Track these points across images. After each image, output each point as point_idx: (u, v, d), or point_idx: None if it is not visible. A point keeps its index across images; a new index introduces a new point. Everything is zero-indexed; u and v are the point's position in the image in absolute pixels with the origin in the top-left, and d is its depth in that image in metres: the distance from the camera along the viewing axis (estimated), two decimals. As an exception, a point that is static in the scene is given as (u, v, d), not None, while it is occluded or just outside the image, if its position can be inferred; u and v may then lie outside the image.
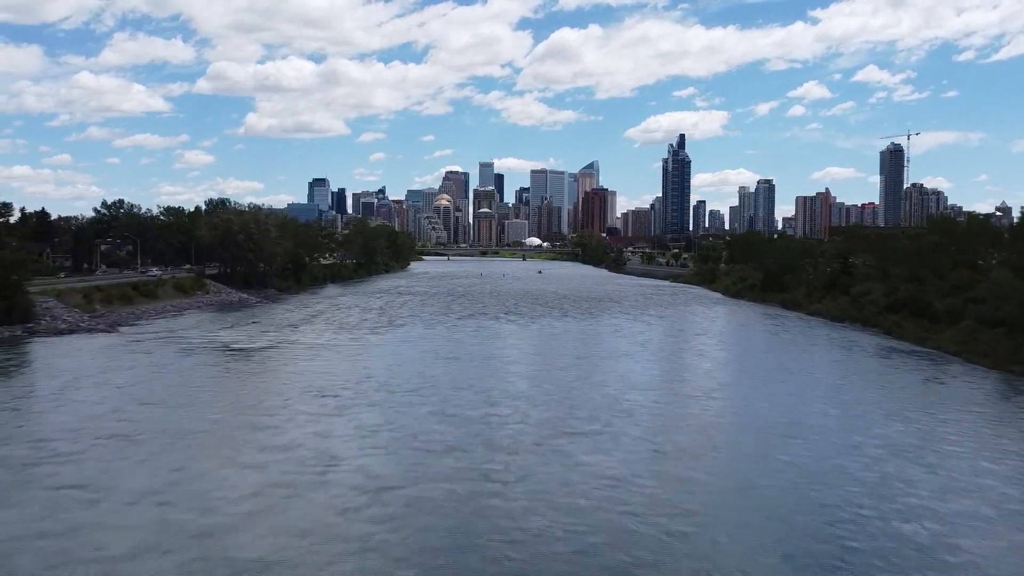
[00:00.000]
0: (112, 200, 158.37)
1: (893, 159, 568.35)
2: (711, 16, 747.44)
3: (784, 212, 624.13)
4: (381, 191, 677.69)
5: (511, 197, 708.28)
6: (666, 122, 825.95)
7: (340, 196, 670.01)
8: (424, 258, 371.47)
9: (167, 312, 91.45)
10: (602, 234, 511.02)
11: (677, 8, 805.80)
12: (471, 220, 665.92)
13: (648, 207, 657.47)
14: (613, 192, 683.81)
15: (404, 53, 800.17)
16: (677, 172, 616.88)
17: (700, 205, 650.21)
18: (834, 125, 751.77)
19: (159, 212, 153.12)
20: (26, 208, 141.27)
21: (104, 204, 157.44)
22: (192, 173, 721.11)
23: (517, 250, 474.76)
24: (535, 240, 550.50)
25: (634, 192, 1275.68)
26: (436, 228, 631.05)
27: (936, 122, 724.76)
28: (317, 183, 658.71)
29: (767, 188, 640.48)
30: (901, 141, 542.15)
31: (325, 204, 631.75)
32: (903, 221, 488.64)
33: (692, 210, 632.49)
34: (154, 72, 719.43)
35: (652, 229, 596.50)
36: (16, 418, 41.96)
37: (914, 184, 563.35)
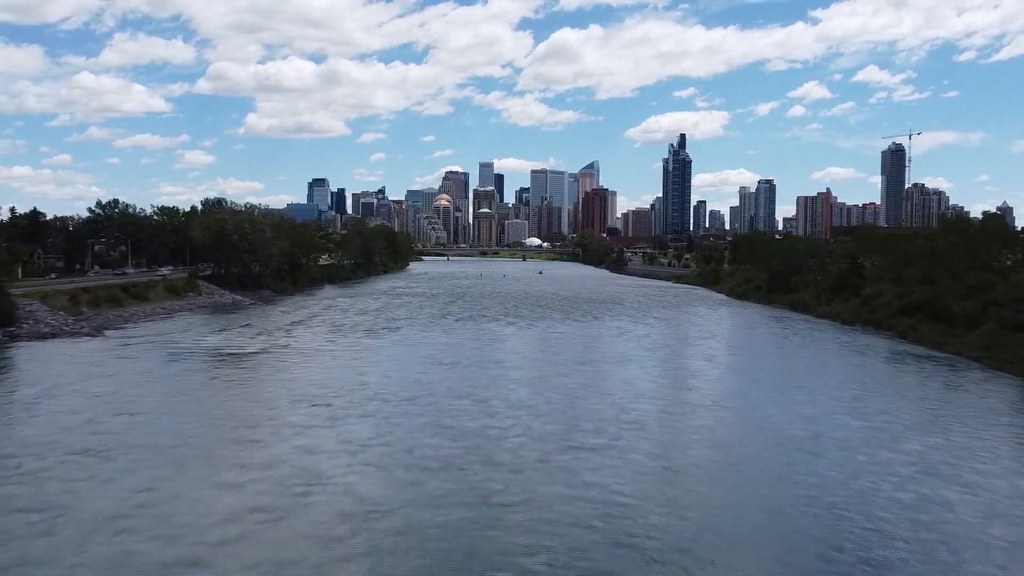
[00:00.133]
0: (107, 200, 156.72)
1: (894, 159, 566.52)
2: (711, 16, 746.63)
3: (784, 212, 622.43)
4: (381, 191, 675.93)
5: (511, 197, 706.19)
6: (666, 122, 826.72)
7: (340, 196, 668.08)
8: (423, 258, 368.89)
9: (156, 315, 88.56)
10: (602, 234, 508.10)
11: (677, 8, 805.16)
12: (471, 220, 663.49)
13: (648, 207, 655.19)
14: (613, 192, 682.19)
15: (404, 53, 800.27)
16: (678, 172, 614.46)
17: (700, 205, 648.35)
18: (834, 125, 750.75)
19: (152, 212, 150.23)
20: (16, 208, 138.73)
21: (99, 204, 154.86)
22: (192, 173, 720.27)
23: (517, 250, 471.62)
24: (535, 240, 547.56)
25: (634, 192, 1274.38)
26: (436, 228, 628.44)
27: (936, 122, 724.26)
28: (317, 183, 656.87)
29: (768, 188, 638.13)
30: (902, 141, 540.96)
31: (325, 204, 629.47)
32: (904, 221, 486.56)
33: (692, 210, 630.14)
34: (154, 72, 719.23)
35: (652, 229, 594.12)
36: (-19, 431, 39.24)
37: (915, 184, 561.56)
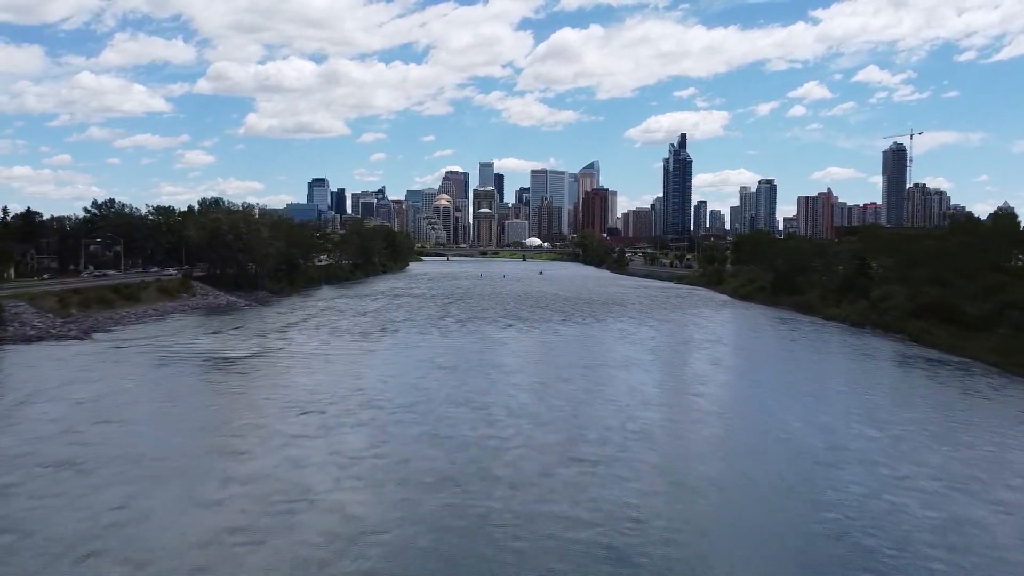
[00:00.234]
0: (104, 200, 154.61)
1: (896, 159, 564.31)
2: (712, 16, 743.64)
3: (785, 212, 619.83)
4: (381, 191, 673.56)
5: (511, 197, 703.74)
6: (667, 122, 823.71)
7: (340, 196, 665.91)
8: (423, 258, 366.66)
9: (148, 316, 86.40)
10: (603, 234, 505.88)
11: (678, 8, 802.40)
12: (471, 220, 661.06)
13: (649, 207, 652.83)
14: (614, 192, 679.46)
15: (405, 53, 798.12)
16: (678, 172, 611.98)
17: (701, 205, 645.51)
18: (834, 125, 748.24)
19: (147, 211, 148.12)
20: (12, 208, 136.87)
21: (95, 203, 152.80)
22: (193, 173, 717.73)
23: (517, 250, 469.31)
24: (535, 240, 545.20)
25: (634, 192, 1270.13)
26: (436, 228, 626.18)
27: (937, 122, 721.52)
28: (316, 183, 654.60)
29: (768, 188, 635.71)
30: (903, 141, 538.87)
31: (324, 204, 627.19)
32: (906, 221, 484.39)
33: (693, 210, 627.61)
34: (155, 72, 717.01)
35: (653, 229, 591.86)
36: (-48, 441, 37.15)
37: (916, 184, 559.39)
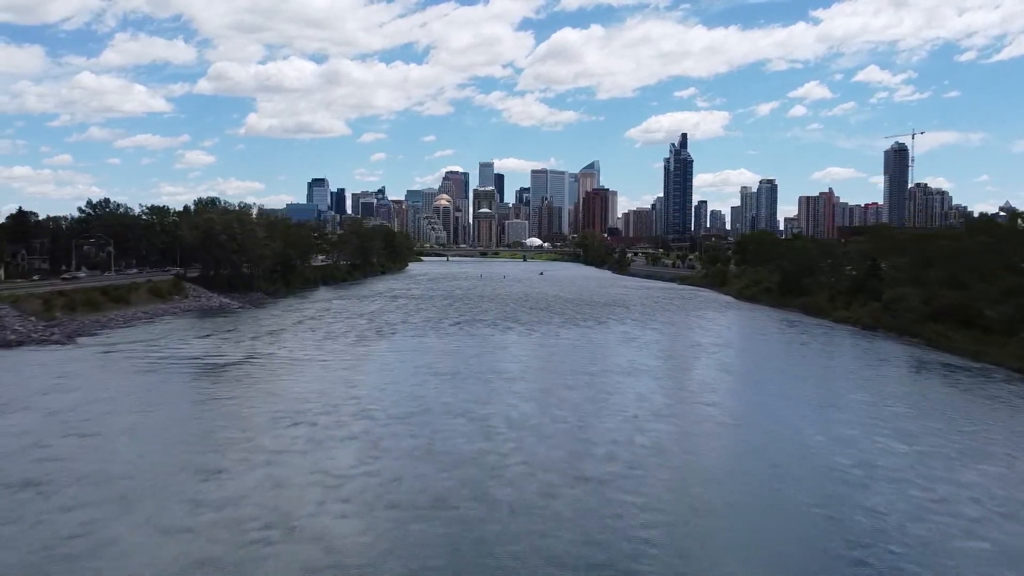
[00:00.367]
0: (99, 200, 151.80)
1: (897, 159, 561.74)
2: (713, 16, 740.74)
3: (786, 212, 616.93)
4: (380, 191, 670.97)
5: (511, 197, 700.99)
6: (667, 122, 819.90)
7: (339, 196, 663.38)
8: (423, 259, 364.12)
9: (137, 319, 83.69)
10: (603, 235, 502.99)
11: (679, 8, 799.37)
12: (471, 220, 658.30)
13: (649, 207, 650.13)
14: (614, 192, 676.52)
15: (405, 53, 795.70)
16: (679, 172, 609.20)
17: (702, 205, 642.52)
18: (835, 125, 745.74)
19: (141, 211, 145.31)
20: (10, 208, 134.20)
21: (89, 203, 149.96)
22: (193, 173, 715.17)
23: (517, 251, 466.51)
24: (535, 240, 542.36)
25: (635, 192, 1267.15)
26: (436, 228, 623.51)
27: (937, 122, 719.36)
28: (316, 183, 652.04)
29: (769, 188, 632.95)
30: (905, 141, 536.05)
31: (324, 204, 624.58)
32: (907, 221, 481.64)
33: (693, 210, 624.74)
34: (155, 72, 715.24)
35: (653, 229, 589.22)
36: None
37: (918, 184, 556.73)
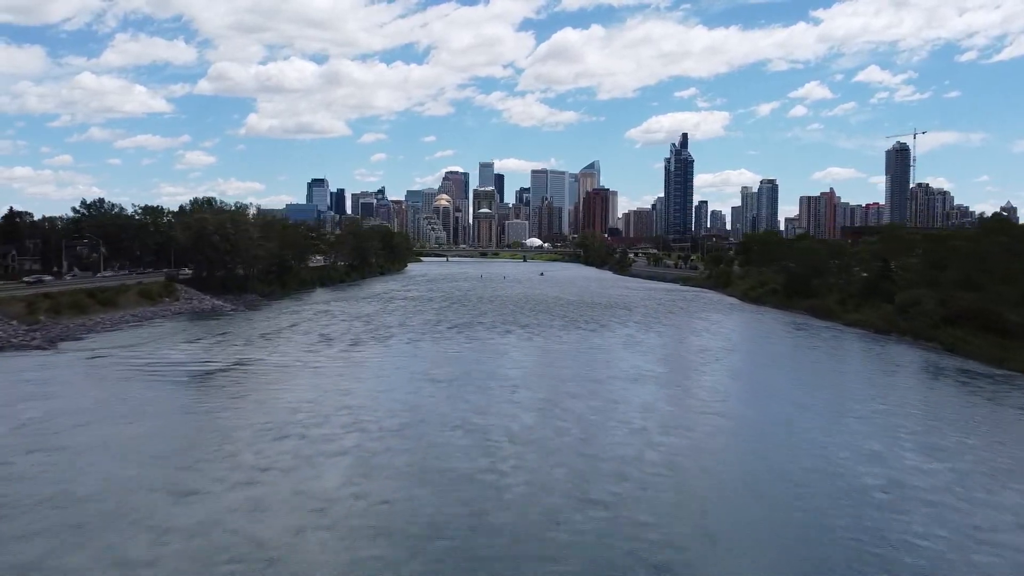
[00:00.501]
0: (93, 200, 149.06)
1: (899, 158, 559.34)
2: (713, 16, 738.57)
3: (786, 212, 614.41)
4: (380, 191, 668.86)
5: (511, 197, 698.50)
6: (667, 123, 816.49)
7: (339, 196, 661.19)
8: (422, 259, 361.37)
9: (124, 323, 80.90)
10: (604, 235, 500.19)
11: (679, 8, 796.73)
12: (471, 221, 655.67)
13: (649, 208, 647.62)
14: (614, 192, 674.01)
15: (406, 54, 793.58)
16: (680, 171, 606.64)
17: (702, 205, 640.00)
18: (835, 125, 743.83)
19: (134, 211, 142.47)
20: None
21: (83, 203, 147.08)
22: (193, 174, 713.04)
23: (517, 251, 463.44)
24: (536, 241, 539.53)
25: (635, 193, 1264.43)
26: (435, 229, 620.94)
27: (937, 123, 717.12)
28: (316, 183, 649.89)
29: (770, 188, 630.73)
30: (907, 140, 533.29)
31: (324, 205, 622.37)
32: (909, 221, 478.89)
33: (694, 210, 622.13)
34: (156, 73, 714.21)
35: (654, 230, 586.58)
36: None
37: (919, 184, 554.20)
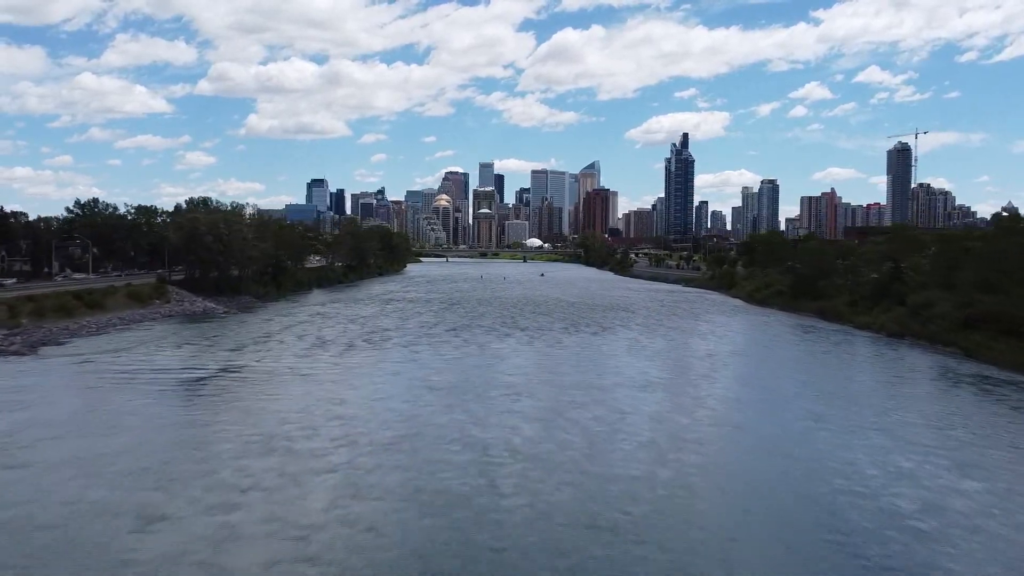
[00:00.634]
0: (87, 200, 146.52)
1: (900, 158, 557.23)
2: (713, 17, 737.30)
3: (787, 213, 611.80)
4: (380, 192, 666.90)
5: (511, 198, 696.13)
6: (668, 123, 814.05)
7: (339, 197, 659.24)
8: (422, 260, 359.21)
9: (111, 326, 78.15)
10: (604, 235, 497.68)
11: (679, 9, 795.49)
12: (471, 221, 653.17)
13: (650, 208, 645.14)
14: (614, 192, 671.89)
15: (406, 54, 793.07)
16: (680, 171, 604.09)
17: (702, 206, 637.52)
18: (835, 126, 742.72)
19: (127, 211, 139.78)
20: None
21: (77, 203, 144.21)
22: (193, 174, 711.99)
23: (517, 251, 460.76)
24: (536, 241, 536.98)
25: (635, 193, 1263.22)
26: (435, 229, 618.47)
27: (938, 123, 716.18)
28: (315, 184, 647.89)
29: (771, 188, 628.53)
30: (908, 140, 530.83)
31: (323, 205, 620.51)
32: (910, 222, 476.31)
33: (694, 211, 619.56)
34: (156, 73, 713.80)
35: (654, 230, 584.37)
36: None
37: (921, 184, 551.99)
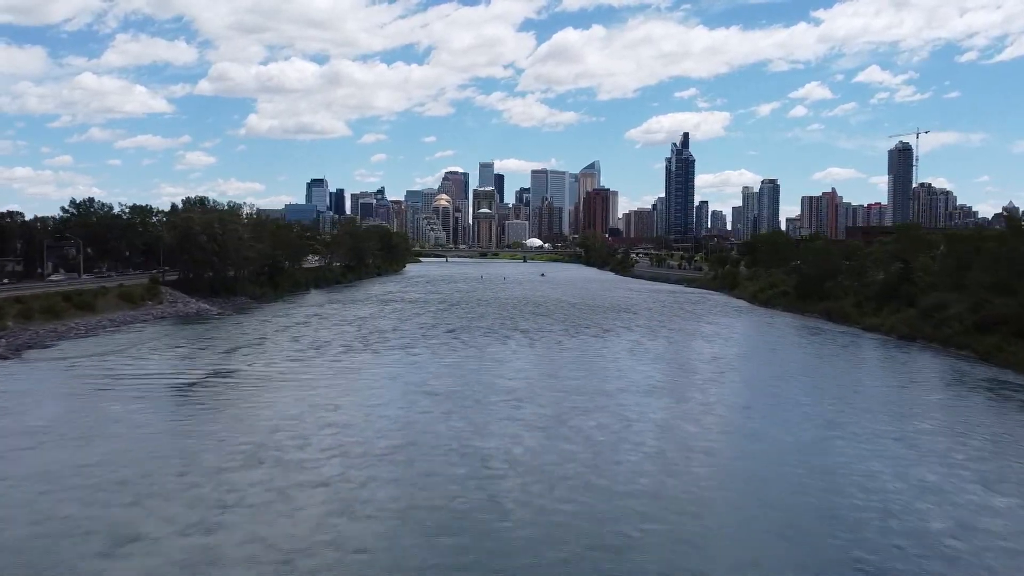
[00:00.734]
0: (83, 199, 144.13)
1: (902, 158, 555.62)
2: (714, 17, 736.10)
3: (787, 213, 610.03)
4: (380, 192, 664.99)
5: (511, 198, 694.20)
6: (668, 123, 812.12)
7: (339, 197, 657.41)
8: (422, 260, 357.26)
9: (100, 328, 76.08)
10: (605, 235, 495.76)
11: (680, 9, 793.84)
12: (471, 221, 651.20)
13: (650, 208, 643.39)
14: (615, 192, 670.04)
15: (407, 54, 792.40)
16: (681, 171, 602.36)
17: (703, 206, 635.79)
18: (835, 126, 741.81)
19: (121, 211, 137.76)
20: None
21: (73, 203, 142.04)
22: (194, 174, 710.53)
23: (518, 251, 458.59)
24: (536, 241, 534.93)
25: (635, 193, 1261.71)
26: (435, 229, 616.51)
27: (938, 123, 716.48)
28: (315, 184, 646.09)
29: (771, 188, 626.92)
30: (909, 140, 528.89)
31: (323, 205, 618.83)
32: (912, 221, 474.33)
33: (695, 211, 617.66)
34: (156, 73, 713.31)
35: (654, 230, 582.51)
36: None
37: (922, 184, 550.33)
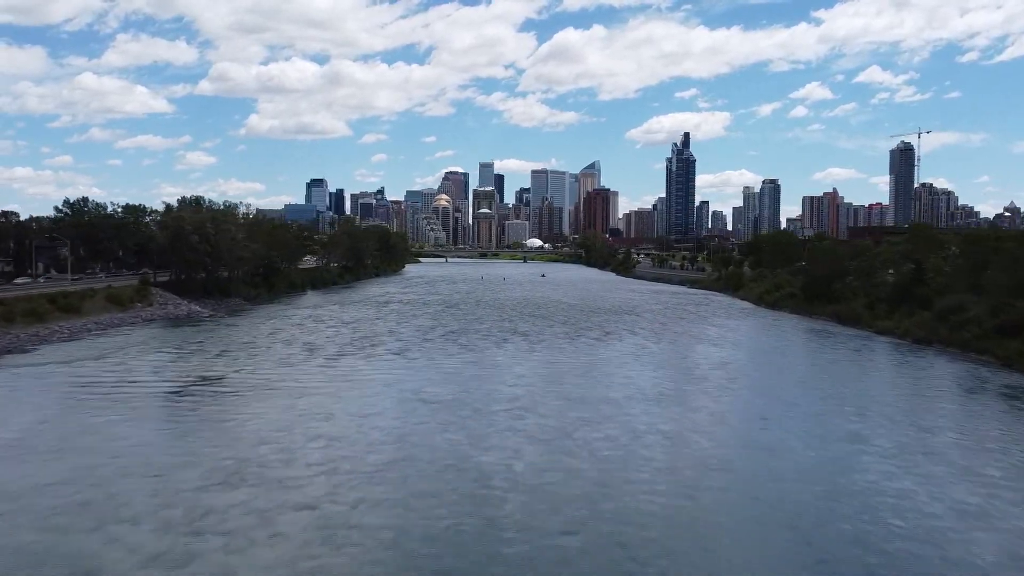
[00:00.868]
0: (76, 199, 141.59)
1: (903, 158, 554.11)
2: (714, 17, 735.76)
3: (788, 213, 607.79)
4: (380, 192, 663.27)
5: (511, 198, 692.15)
6: (668, 123, 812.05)
7: (338, 197, 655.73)
8: (421, 260, 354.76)
9: (86, 332, 73.46)
10: (605, 235, 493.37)
11: (680, 9, 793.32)
12: (471, 221, 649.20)
13: (650, 208, 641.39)
14: (615, 192, 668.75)
15: (407, 54, 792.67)
16: (682, 171, 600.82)
17: (703, 206, 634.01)
18: (836, 126, 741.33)
19: (114, 210, 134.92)
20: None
21: (66, 203, 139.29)
22: (194, 174, 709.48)
23: (518, 252, 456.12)
24: (536, 241, 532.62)
25: (635, 194, 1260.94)
26: (435, 229, 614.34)
27: (938, 123, 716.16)
28: (315, 184, 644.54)
29: (772, 188, 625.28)
30: (911, 140, 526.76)
31: (323, 205, 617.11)
32: (914, 221, 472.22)
33: (695, 211, 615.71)
34: (156, 73, 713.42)
35: (655, 230, 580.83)
36: None
37: (923, 184, 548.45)
